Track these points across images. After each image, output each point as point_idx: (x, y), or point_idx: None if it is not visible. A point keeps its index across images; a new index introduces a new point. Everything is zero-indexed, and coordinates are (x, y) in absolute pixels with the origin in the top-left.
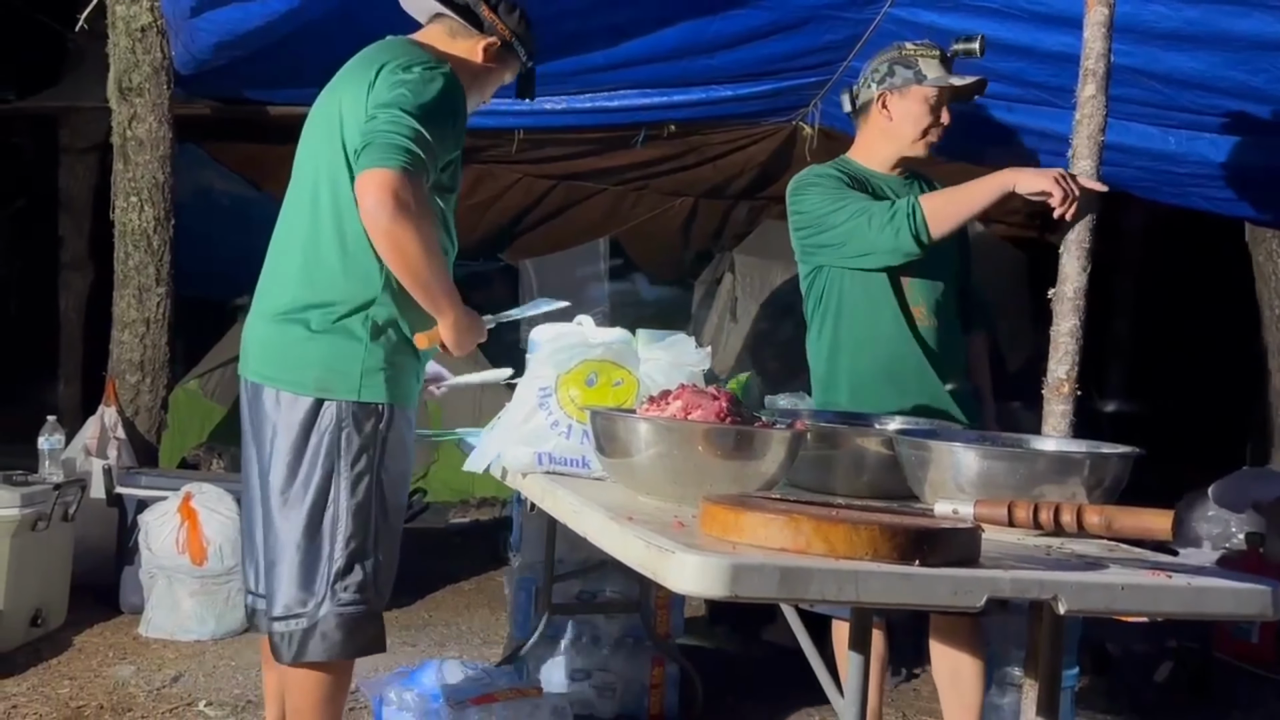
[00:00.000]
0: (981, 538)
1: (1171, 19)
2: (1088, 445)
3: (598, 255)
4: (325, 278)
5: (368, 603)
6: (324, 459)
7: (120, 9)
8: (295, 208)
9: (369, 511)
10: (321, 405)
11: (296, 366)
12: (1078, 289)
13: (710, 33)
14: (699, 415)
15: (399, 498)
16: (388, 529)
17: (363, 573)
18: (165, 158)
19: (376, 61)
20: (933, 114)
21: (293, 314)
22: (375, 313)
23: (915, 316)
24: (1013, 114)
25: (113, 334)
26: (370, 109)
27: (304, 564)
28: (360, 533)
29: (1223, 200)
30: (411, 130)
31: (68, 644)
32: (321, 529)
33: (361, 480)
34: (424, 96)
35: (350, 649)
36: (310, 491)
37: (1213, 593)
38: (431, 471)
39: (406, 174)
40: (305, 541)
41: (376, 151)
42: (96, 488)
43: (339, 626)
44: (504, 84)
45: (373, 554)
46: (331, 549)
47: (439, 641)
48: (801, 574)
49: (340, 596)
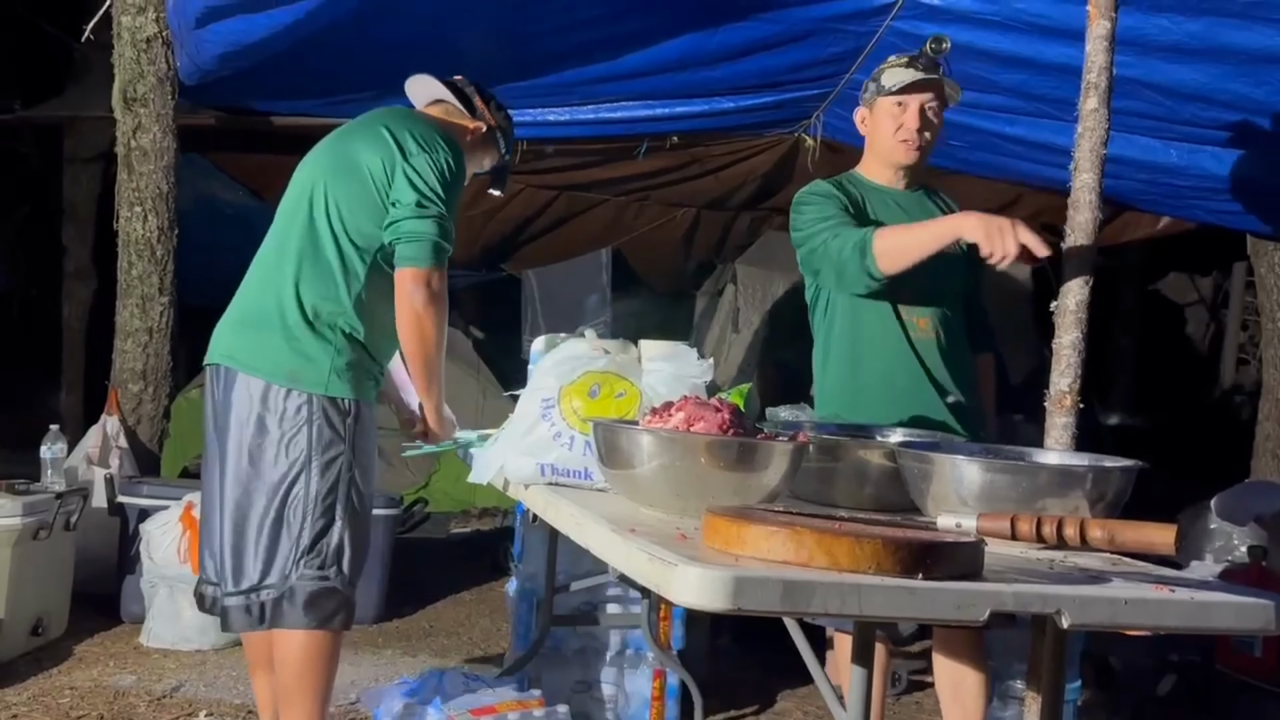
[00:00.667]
0: (984, 551)
1: (1173, 32)
2: (1090, 459)
3: (600, 266)
4: (306, 287)
5: (328, 579)
6: (295, 446)
7: (126, 20)
8: (284, 225)
9: (335, 496)
10: (290, 394)
11: (270, 356)
12: (1080, 302)
13: (713, 45)
14: (702, 427)
15: (368, 486)
16: (355, 515)
17: (326, 551)
18: (169, 167)
19: (404, 128)
20: (895, 120)
21: (269, 313)
22: (344, 323)
23: (914, 328)
24: (1015, 126)
25: (115, 343)
26: (407, 184)
27: (270, 541)
28: (325, 515)
29: (1225, 213)
30: (443, 226)
31: (68, 653)
32: (289, 510)
33: (331, 467)
34: (449, 181)
35: (311, 619)
36: (280, 474)
37: (1215, 607)
38: (433, 481)
39: (439, 270)
40: (273, 521)
41: (416, 249)
42: (98, 497)
43: (301, 599)
44: (480, 170)
45: (338, 536)
46: (300, 529)
47: (440, 652)
48: (804, 587)
49: (304, 572)
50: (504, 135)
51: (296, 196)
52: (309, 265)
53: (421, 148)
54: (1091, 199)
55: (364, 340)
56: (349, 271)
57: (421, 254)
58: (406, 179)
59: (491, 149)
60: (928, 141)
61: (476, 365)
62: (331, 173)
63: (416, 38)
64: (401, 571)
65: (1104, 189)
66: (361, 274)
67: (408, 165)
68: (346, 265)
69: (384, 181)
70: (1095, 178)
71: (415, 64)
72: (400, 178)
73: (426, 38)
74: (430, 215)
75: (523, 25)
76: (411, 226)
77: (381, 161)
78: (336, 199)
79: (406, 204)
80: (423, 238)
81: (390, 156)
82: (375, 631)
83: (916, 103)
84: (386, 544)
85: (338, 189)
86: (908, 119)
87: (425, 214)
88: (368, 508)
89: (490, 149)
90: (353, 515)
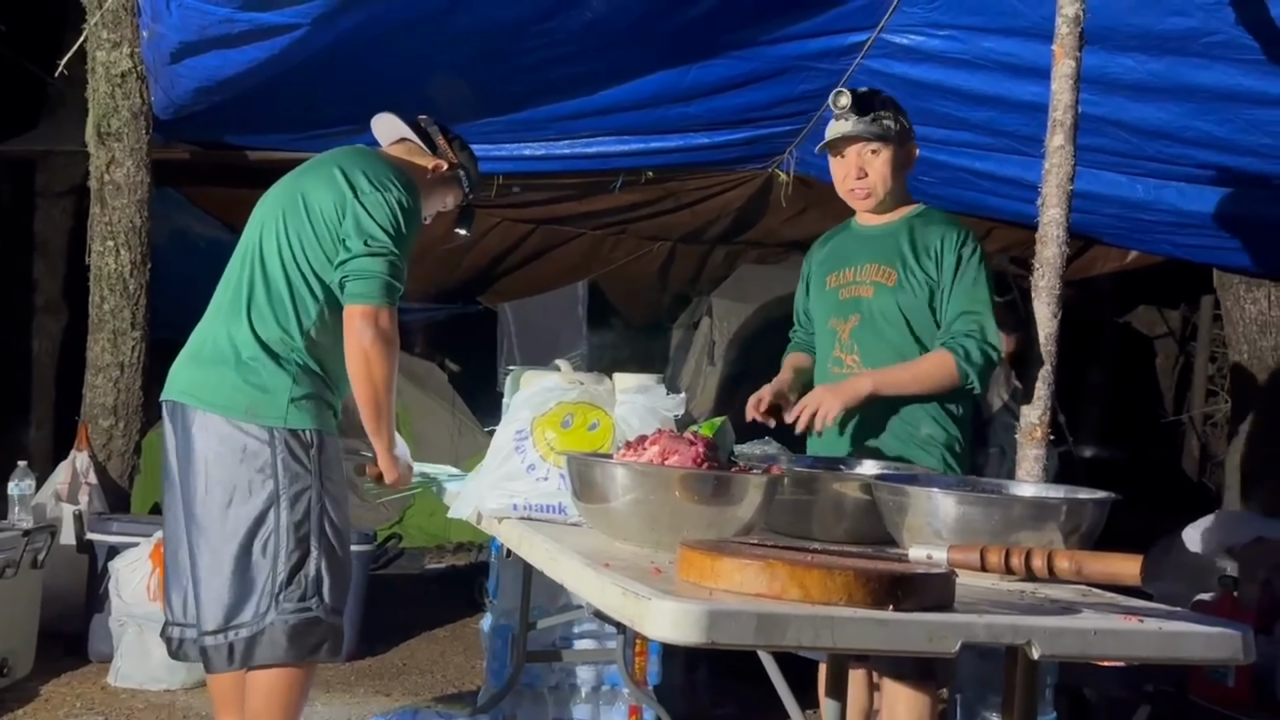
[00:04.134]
0: (955, 583)
1: (1137, 71)
2: (1064, 491)
3: (576, 299)
4: (259, 322)
5: (310, 609)
6: (261, 481)
7: (101, 55)
8: (239, 261)
9: (308, 527)
10: (250, 429)
11: (227, 392)
12: (1048, 335)
13: (688, 81)
14: (676, 460)
15: (342, 515)
16: (330, 544)
17: (305, 583)
18: (143, 202)
19: (356, 167)
20: (839, 171)
21: (223, 348)
22: (297, 357)
23: (846, 364)
24: (984, 162)
25: (86, 378)
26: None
27: (242, 580)
28: (300, 547)
29: (1191, 247)
30: (393, 265)
31: (34, 694)
32: (259, 546)
33: (300, 499)
34: (401, 220)
35: (295, 653)
36: (248, 511)
37: (1184, 637)
38: (407, 516)
39: (389, 309)
40: (243, 558)
41: (365, 286)
42: (67, 533)
43: (284, 632)
44: (444, 209)
45: (315, 567)
46: (274, 565)
47: (413, 690)
48: (778, 620)
49: (284, 605)
50: (467, 174)
51: (251, 234)
52: (262, 300)
53: (374, 187)
54: (1059, 234)
55: (320, 373)
56: (300, 306)
57: (370, 291)
58: (356, 219)
59: (454, 187)
60: (875, 184)
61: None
62: (285, 210)
63: (392, 74)
64: (375, 608)
65: (1072, 223)
66: (313, 310)
67: (359, 205)
68: (297, 300)
69: (335, 220)
70: (1063, 213)
71: (390, 100)
72: (350, 217)
73: (402, 74)
74: (380, 254)
75: (498, 62)
76: (361, 265)
77: (333, 201)
78: (289, 235)
79: (357, 243)
80: (372, 276)
81: (341, 196)
82: (348, 670)
83: (853, 153)
84: (360, 580)
85: (290, 226)
86: (847, 170)
87: (374, 253)
88: (345, 537)
89: (453, 187)
90: (328, 544)
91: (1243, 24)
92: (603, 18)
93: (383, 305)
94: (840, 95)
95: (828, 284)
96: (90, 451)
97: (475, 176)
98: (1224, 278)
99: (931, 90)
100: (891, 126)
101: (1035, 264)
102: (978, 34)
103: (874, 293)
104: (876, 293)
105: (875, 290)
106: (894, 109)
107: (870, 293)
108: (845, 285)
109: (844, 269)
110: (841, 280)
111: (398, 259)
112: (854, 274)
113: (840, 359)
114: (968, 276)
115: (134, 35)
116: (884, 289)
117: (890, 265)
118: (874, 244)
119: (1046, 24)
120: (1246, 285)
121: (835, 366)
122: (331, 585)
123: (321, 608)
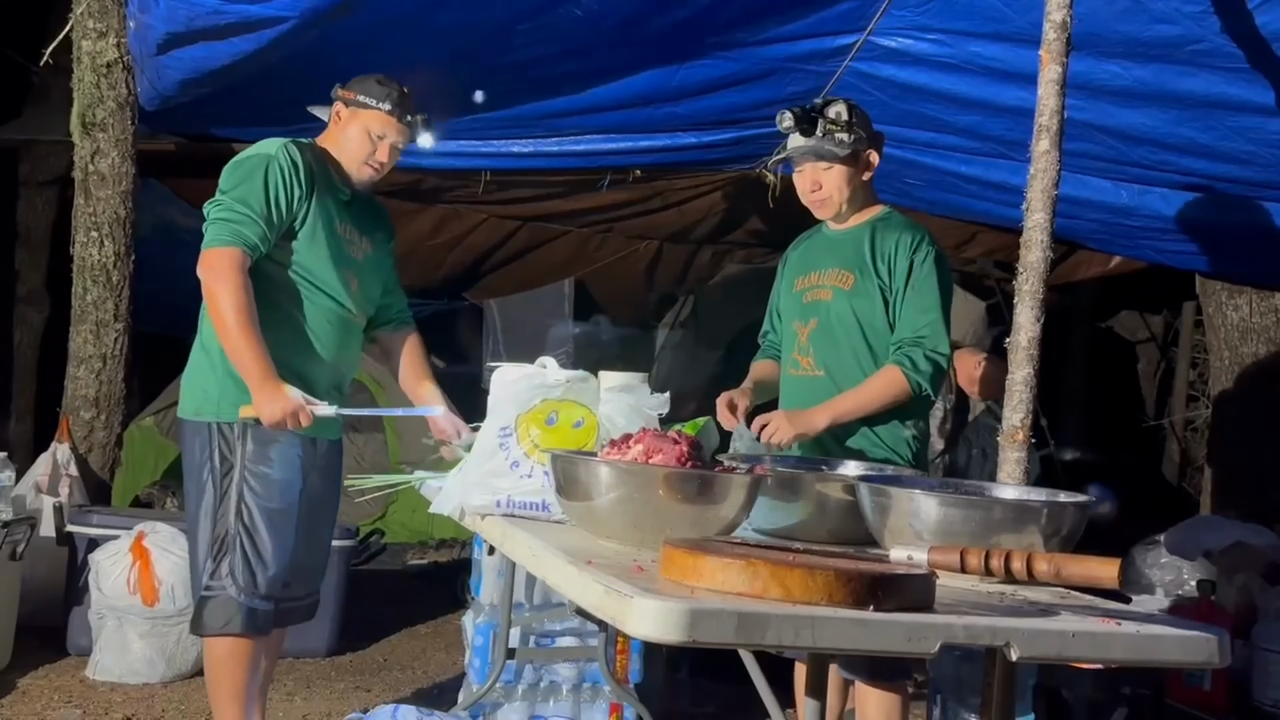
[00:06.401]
0: (935, 584)
1: (1123, 77)
2: (1045, 494)
3: (562, 296)
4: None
5: (223, 590)
6: (200, 471)
7: (87, 44)
8: None
9: (230, 516)
10: (198, 426)
11: (185, 394)
12: (1031, 339)
13: (676, 81)
14: (660, 459)
15: (280, 502)
16: (248, 528)
17: (225, 565)
18: (127, 193)
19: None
20: (800, 183)
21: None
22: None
23: (801, 366)
24: (970, 166)
25: (68, 369)
26: None
27: (191, 562)
28: (219, 529)
29: (1174, 253)
30: (219, 206)
31: (11, 687)
32: (197, 529)
33: (227, 490)
34: (230, 172)
35: (204, 626)
36: (195, 499)
37: (1161, 640)
38: (389, 513)
39: (218, 248)
40: (191, 541)
41: (205, 238)
42: (46, 526)
43: (200, 608)
44: (383, 139)
45: (233, 551)
46: (203, 547)
47: (394, 686)
48: (759, 619)
49: (207, 584)
50: (369, 94)
51: None
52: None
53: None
54: (1043, 238)
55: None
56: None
57: (206, 241)
58: None
59: (366, 116)
60: (831, 196)
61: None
62: None
63: (379, 68)
64: (356, 604)
65: (1056, 228)
66: None
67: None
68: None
69: None
70: (1047, 217)
71: None
72: None
73: (389, 68)
74: (212, 204)
75: (487, 59)
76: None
77: None
78: None
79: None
80: (207, 226)
81: None
82: (329, 665)
83: (807, 168)
84: (341, 576)
85: None
86: (804, 184)
87: (210, 205)
88: (274, 522)
89: (363, 117)
90: (246, 527)
91: (1228, 32)
92: (592, 16)
93: (212, 247)
94: (783, 116)
95: (795, 286)
96: (71, 443)
97: (382, 91)
98: (1206, 284)
99: (919, 94)
100: (844, 141)
101: (1019, 268)
102: (966, 38)
103: (832, 296)
104: (835, 297)
105: (834, 294)
106: (846, 123)
107: (829, 296)
108: (809, 289)
109: (810, 272)
110: (807, 283)
111: (226, 204)
112: (818, 277)
113: (798, 360)
114: (918, 282)
115: (120, 25)
116: (841, 293)
117: (850, 270)
118: (838, 248)
119: (1034, 29)
120: (1229, 292)
121: (793, 368)
122: (244, 567)
123: (234, 587)
